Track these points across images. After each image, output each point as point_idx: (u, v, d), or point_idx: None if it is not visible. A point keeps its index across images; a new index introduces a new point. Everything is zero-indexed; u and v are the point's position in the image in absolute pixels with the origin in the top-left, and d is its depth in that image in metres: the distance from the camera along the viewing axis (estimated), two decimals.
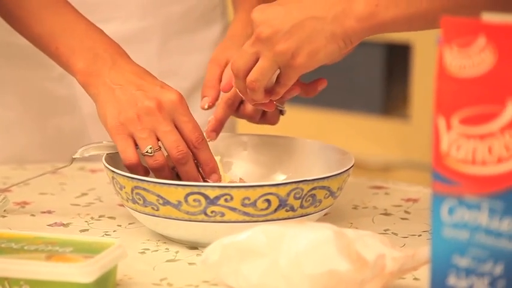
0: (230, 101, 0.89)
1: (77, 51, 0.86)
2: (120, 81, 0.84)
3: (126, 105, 0.82)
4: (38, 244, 0.69)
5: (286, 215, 0.79)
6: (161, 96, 0.83)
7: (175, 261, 0.78)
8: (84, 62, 0.86)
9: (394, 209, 0.91)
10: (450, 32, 0.57)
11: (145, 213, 0.80)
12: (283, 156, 0.92)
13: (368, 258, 0.66)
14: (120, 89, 0.83)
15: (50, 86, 1.06)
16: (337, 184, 0.81)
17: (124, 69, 0.85)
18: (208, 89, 0.91)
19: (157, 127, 0.82)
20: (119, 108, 0.83)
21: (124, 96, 0.83)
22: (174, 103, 0.82)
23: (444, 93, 0.58)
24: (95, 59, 0.86)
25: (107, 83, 0.84)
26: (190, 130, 0.82)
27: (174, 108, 0.82)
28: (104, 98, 0.84)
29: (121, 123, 0.82)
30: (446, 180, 0.57)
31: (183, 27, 1.08)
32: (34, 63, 1.04)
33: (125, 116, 0.82)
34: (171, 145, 0.82)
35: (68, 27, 0.88)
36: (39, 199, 0.94)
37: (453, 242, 0.57)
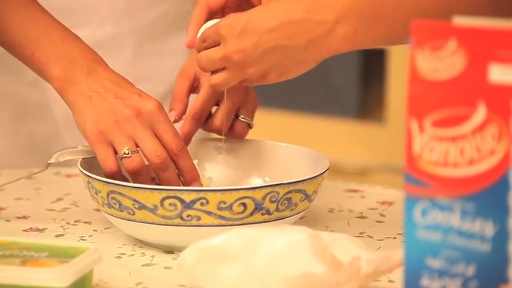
0: (197, 115, 0.90)
1: (53, 58, 0.86)
2: (98, 88, 0.84)
3: (104, 113, 0.82)
4: (13, 249, 0.69)
5: (262, 219, 0.79)
6: (140, 104, 0.83)
7: (152, 265, 0.78)
8: (60, 69, 0.85)
9: (370, 212, 0.92)
10: (421, 35, 0.58)
11: (121, 217, 0.80)
12: (259, 160, 0.92)
13: (343, 261, 0.67)
14: (98, 97, 0.83)
15: (22, 92, 1.05)
16: (312, 187, 0.82)
17: (101, 76, 0.85)
18: (175, 102, 0.91)
19: (135, 133, 0.82)
20: (97, 116, 0.82)
21: (102, 104, 0.83)
22: (152, 111, 0.82)
23: (416, 96, 0.58)
24: (71, 66, 0.85)
25: (84, 91, 0.84)
26: (170, 137, 0.82)
27: (152, 117, 0.82)
28: (82, 105, 0.84)
29: (100, 132, 0.82)
30: (419, 183, 0.58)
31: (157, 32, 1.08)
32: (5, 69, 1.04)
33: (103, 124, 0.82)
34: (149, 150, 0.82)
35: (43, 33, 0.87)
36: (14, 204, 0.93)
37: (426, 244, 0.58)
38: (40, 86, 1.04)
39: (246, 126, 0.91)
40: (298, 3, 0.78)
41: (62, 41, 0.87)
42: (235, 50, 0.79)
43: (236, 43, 0.79)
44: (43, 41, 0.87)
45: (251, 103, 0.91)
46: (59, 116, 1.06)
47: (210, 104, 0.90)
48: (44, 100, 1.05)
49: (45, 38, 0.87)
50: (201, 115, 0.90)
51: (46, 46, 0.87)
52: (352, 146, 2.08)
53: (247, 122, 0.91)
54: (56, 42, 0.87)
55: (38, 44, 0.87)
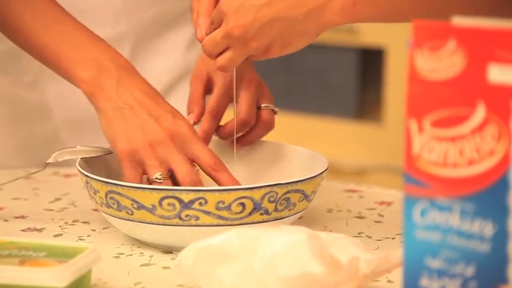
0: (214, 111, 0.90)
1: (80, 61, 0.85)
2: (129, 100, 0.83)
3: (137, 130, 0.81)
4: (11, 249, 0.69)
5: (260, 219, 0.79)
6: (173, 127, 0.82)
7: (150, 265, 0.78)
8: (89, 72, 0.84)
9: (368, 212, 0.92)
10: (421, 35, 0.57)
11: (119, 217, 0.80)
12: (257, 160, 0.92)
13: (342, 261, 0.67)
14: (130, 111, 0.82)
15: (21, 92, 1.05)
16: (311, 187, 0.82)
17: (132, 85, 0.84)
18: (192, 105, 0.92)
19: (169, 157, 0.81)
20: (129, 132, 0.81)
21: (134, 120, 0.82)
22: (186, 134, 0.82)
23: (415, 96, 0.58)
24: (99, 70, 0.84)
25: (114, 100, 0.83)
26: (205, 155, 0.82)
27: (186, 139, 0.82)
28: (112, 115, 0.82)
29: (132, 150, 0.81)
30: (418, 183, 0.58)
31: (154, 31, 1.08)
32: (3, 70, 1.04)
33: (136, 143, 0.81)
34: (183, 174, 0.81)
35: (69, 36, 0.87)
36: (12, 204, 0.93)
37: (425, 244, 0.58)
38: (39, 87, 1.03)
39: (271, 113, 0.92)
40: None
41: (89, 44, 0.86)
42: (235, 25, 0.79)
43: (236, 18, 0.79)
44: (69, 44, 0.86)
45: (267, 91, 0.92)
46: (58, 116, 1.05)
47: (226, 99, 0.91)
48: (43, 101, 1.05)
49: (71, 42, 0.86)
50: (217, 111, 0.90)
51: (72, 49, 0.86)
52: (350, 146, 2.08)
53: (271, 109, 0.92)
54: (83, 45, 0.86)
55: (64, 48, 0.86)
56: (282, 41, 0.80)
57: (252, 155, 0.93)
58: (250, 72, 0.91)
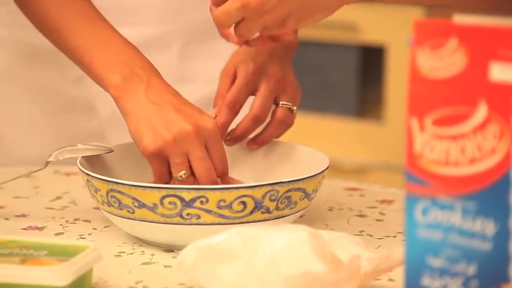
0: (231, 104, 0.89)
1: (112, 66, 0.85)
2: (157, 100, 0.83)
3: (162, 126, 0.81)
4: (12, 248, 0.69)
5: (262, 217, 0.79)
6: (199, 121, 0.82)
7: (151, 264, 0.78)
8: (119, 77, 0.85)
9: (369, 211, 0.92)
10: (422, 33, 0.57)
11: (120, 216, 0.80)
12: (258, 158, 0.92)
13: (343, 259, 0.67)
14: (158, 108, 0.82)
15: (67, 88, 1.05)
16: (312, 186, 0.82)
17: (161, 88, 0.84)
18: (217, 99, 0.91)
19: (191, 152, 0.81)
20: (155, 130, 0.81)
21: (160, 117, 0.82)
22: (210, 130, 0.82)
23: (417, 95, 0.58)
24: (130, 75, 0.85)
25: (143, 101, 0.83)
26: (218, 160, 0.82)
27: (209, 135, 0.82)
28: (138, 115, 0.83)
29: (158, 147, 0.81)
30: (420, 181, 0.58)
31: (205, 33, 1.06)
32: (51, 65, 1.04)
33: (161, 139, 0.81)
34: (203, 172, 0.81)
35: (102, 41, 0.87)
36: (13, 202, 0.93)
37: (427, 243, 0.58)
38: (85, 83, 1.04)
39: (287, 112, 0.90)
40: None
41: (121, 50, 0.87)
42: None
43: None
44: (102, 49, 0.86)
45: (291, 89, 0.91)
46: (103, 112, 1.06)
47: (245, 93, 0.90)
48: (88, 96, 1.05)
49: (105, 46, 0.87)
50: (235, 104, 0.89)
51: (105, 54, 0.86)
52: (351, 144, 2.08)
53: (289, 107, 0.90)
54: (115, 50, 0.86)
55: (97, 52, 0.86)
56: (299, 14, 0.79)
57: (253, 153, 0.93)
58: (273, 67, 0.90)
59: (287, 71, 0.91)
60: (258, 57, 0.91)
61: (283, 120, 0.90)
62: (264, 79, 0.89)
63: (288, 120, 0.91)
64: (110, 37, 0.88)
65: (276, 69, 0.90)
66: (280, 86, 0.90)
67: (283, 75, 0.91)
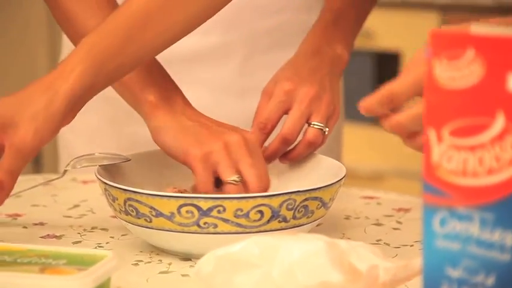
0: (262, 124, 0.88)
1: (148, 84, 0.86)
2: (198, 119, 0.84)
3: (209, 137, 0.82)
4: (31, 257, 0.70)
5: (278, 226, 0.79)
6: (243, 133, 0.83)
7: (169, 272, 0.78)
8: (156, 96, 0.85)
9: (386, 219, 0.92)
10: (439, 44, 0.57)
11: (138, 225, 0.80)
12: (274, 167, 0.92)
13: (361, 269, 0.67)
14: (199, 125, 0.83)
15: None
16: (329, 195, 0.82)
17: (198, 111, 0.85)
18: (254, 118, 0.90)
19: (242, 159, 0.81)
20: (201, 139, 0.82)
21: (205, 131, 0.82)
22: (254, 141, 0.83)
23: (434, 105, 0.58)
24: (167, 96, 0.85)
25: (180, 119, 0.84)
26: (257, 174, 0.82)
27: (254, 146, 0.82)
28: (181, 130, 0.83)
29: (206, 153, 0.81)
30: (438, 192, 0.58)
31: (269, 44, 1.05)
32: None
33: (210, 146, 0.81)
34: (255, 178, 0.81)
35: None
36: (32, 211, 0.94)
37: (445, 253, 0.58)
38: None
39: (318, 133, 0.89)
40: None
41: (158, 73, 0.87)
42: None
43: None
44: (140, 68, 0.87)
45: (325, 109, 0.89)
46: None
47: (277, 113, 0.89)
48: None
49: (142, 66, 0.87)
50: (266, 125, 0.88)
51: (144, 72, 0.86)
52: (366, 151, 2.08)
53: (320, 128, 0.89)
54: (152, 73, 0.87)
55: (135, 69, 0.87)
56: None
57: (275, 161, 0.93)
58: (310, 87, 0.89)
59: (325, 90, 0.90)
60: (295, 75, 0.89)
61: (313, 141, 0.88)
62: (297, 99, 0.88)
63: (318, 141, 0.89)
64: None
65: (313, 89, 0.89)
66: (314, 106, 0.88)
67: (319, 95, 0.89)
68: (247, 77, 1.04)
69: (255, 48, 1.04)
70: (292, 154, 0.90)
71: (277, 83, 0.89)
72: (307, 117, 0.89)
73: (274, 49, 1.05)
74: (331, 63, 0.92)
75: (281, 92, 0.88)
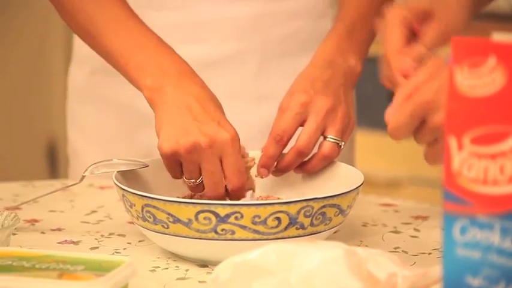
0: (278, 137, 0.88)
1: (146, 67, 0.87)
2: (180, 103, 0.84)
3: (180, 132, 0.83)
4: (49, 262, 0.70)
5: (296, 233, 0.79)
6: (215, 133, 0.83)
7: (186, 279, 0.78)
8: (152, 79, 0.86)
9: (404, 227, 0.91)
10: (460, 51, 0.57)
11: (155, 231, 0.80)
12: (291, 173, 0.92)
13: (379, 277, 0.66)
14: (178, 113, 0.84)
15: (142, 103, 1.06)
16: (347, 202, 0.81)
17: (187, 90, 0.85)
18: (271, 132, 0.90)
19: (203, 164, 0.82)
20: (173, 134, 0.83)
21: (180, 122, 0.83)
22: (226, 142, 0.82)
23: (455, 113, 0.58)
24: (161, 76, 0.86)
25: (168, 103, 0.84)
26: (232, 173, 0.83)
27: (224, 148, 0.82)
28: (163, 116, 0.84)
29: (172, 151, 0.83)
30: (458, 200, 0.57)
31: (285, 51, 1.05)
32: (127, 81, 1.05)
33: (176, 144, 0.82)
34: (211, 186, 0.83)
35: (138, 43, 0.88)
36: (49, 216, 0.94)
37: (465, 262, 0.57)
38: None
39: (334, 146, 0.88)
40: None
41: (155, 51, 0.88)
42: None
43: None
44: (137, 51, 0.88)
45: (341, 122, 0.89)
46: None
47: (293, 125, 0.88)
48: None
49: (140, 48, 0.88)
50: (282, 137, 0.88)
51: (140, 56, 0.87)
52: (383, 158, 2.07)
53: (336, 142, 0.88)
54: (150, 52, 0.87)
55: (132, 54, 0.88)
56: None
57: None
58: (325, 99, 0.88)
59: (340, 103, 0.89)
60: (310, 87, 0.89)
61: (328, 155, 0.88)
62: (313, 111, 0.87)
63: (334, 155, 0.88)
64: (145, 39, 0.88)
65: (328, 101, 0.88)
66: (329, 119, 0.88)
67: (334, 107, 0.88)
68: (262, 83, 1.04)
69: (269, 55, 1.04)
70: (307, 166, 0.89)
71: (293, 96, 0.89)
72: (323, 129, 0.88)
73: (288, 56, 1.05)
74: (344, 75, 0.92)
75: (297, 104, 0.88)
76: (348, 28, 0.95)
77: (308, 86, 0.89)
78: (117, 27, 0.89)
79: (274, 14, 1.03)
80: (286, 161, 0.89)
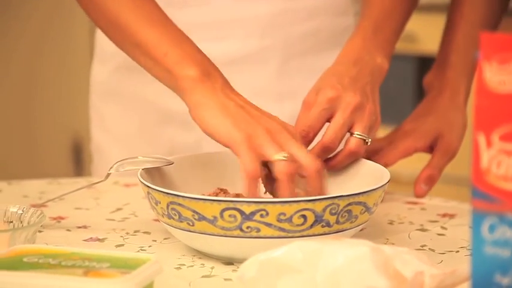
0: (304, 132, 0.87)
1: (186, 60, 0.85)
2: (236, 99, 0.83)
3: (250, 120, 0.81)
4: (75, 260, 0.70)
5: (322, 231, 0.78)
6: (282, 122, 0.82)
7: (211, 277, 0.78)
8: (195, 71, 0.84)
9: (431, 225, 0.90)
10: (490, 47, 0.56)
11: (180, 228, 0.80)
12: None
13: (406, 275, 0.66)
14: (239, 107, 0.82)
15: (166, 100, 1.06)
16: (373, 200, 0.81)
17: (236, 92, 0.85)
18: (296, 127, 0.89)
19: (287, 143, 0.80)
20: (244, 122, 0.81)
21: (244, 113, 0.82)
22: (295, 132, 0.82)
23: (484, 109, 0.57)
24: (206, 71, 0.85)
25: (220, 96, 0.83)
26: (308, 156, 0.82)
27: (295, 134, 0.82)
28: (216, 106, 0.82)
29: (249, 135, 0.80)
30: (487, 198, 0.57)
31: (307, 48, 1.04)
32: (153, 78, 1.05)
33: (253, 129, 0.80)
34: (308, 160, 0.80)
35: (176, 40, 0.87)
36: (75, 214, 0.94)
37: (494, 260, 0.56)
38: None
39: (360, 143, 0.87)
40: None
41: (194, 51, 0.87)
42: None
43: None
44: (175, 46, 0.86)
45: (368, 119, 0.88)
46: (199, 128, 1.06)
47: (319, 121, 0.87)
48: (186, 111, 1.06)
49: (178, 44, 0.87)
50: (308, 133, 0.87)
51: (179, 51, 0.86)
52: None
53: (363, 138, 0.87)
54: (188, 50, 0.87)
55: (172, 47, 0.86)
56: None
57: None
58: (353, 95, 0.87)
59: (368, 99, 0.88)
60: (338, 83, 0.88)
61: (355, 151, 0.87)
62: (340, 107, 0.87)
63: (360, 151, 0.88)
64: (182, 38, 0.88)
65: (356, 98, 0.87)
66: (356, 115, 0.87)
67: (362, 104, 0.87)
68: (284, 81, 1.04)
69: (291, 53, 1.04)
70: (332, 162, 0.89)
71: (320, 91, 0.88)
72: (350, 126, 0.87)
73: (310, 53, 1.05)
74: (371, 72, 0.92)
75: (324, 100, 0.87)
76: (374, 25, 0.94)
77: (335, 82, 0.88)
78: (153, 24, 0.88)
79: (296, 11, 1.03)
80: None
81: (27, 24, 2.48)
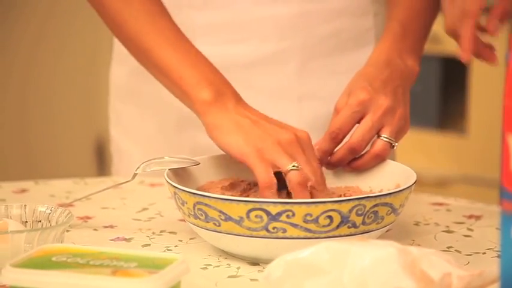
0: (334, 134, 0.87)
1: (202, 82, 0.87)
2: (249, 115, 0.85)
3: (262, 135, 0.83)
4: (102, 259, 0.70)
5: (348, 232, 0.78)
6: (295, 131, 0.84)
7: (237, 277, 0.78)
8: (208, 93, 0.87)
9: (457, 226, 0.90)
10: None
11: (207, 228, 0.80)
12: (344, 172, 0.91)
13: (433, 277, 0.66)
14: (251, 122, 0.84)
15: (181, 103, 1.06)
16: (399, 201, 0.81)
17: (248, 106, 0.87)
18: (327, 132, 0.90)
19: (297, 156, 0.82)
20: (254, 137, 0.83)
21: (257, 128, 0.84)
22: (307, 139, 0.83)
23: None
24: (220, 93, 0.87)
25: (233, 116, 0.85)
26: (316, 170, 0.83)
27: (307, 144, 0.83)
28: (230, 126, 0.85)
29: (260, 149, 0.82)
30: None
31: (328, 49, 1.04)
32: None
33: (264, 142, 0.83)
34: (310, 174, 0.82)
35: (190, 60, 0.89)
36: (101, 213, 0.95)
37: None
38: None
39: (387, 146, 0.87)
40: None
41: (208, 70, 0.89)
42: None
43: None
44: (190, 67, 0.88)
45: (397, 122, 0.88)
46: None
47: (349, 123, 0.88)
48: None
49: (192, 65, 0.89)
50: (337, 134, 0.87)
51: (195, 71, 0.88)
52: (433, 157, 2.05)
53: (389, 142, 0.87)
54: (203, 70, 0.88)
55: (187, 69, 0.89)
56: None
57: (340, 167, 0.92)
58: (384, 98, 0.87)
59: (399, 103, 0.88)
60: (369, 86, 0.88)
61: (380, 154, 0.87)
62: (371, 109, 0.87)
63: (386, 154, 0.88)
64: (197, 57, 0.90)
65: (387, 101, 0.87)
66: (386, 118, 0.87)
67: (392, 107, 0.87)
68: (304, 82, 1.04)
69: (311, 54, 1.04)
70: (357, 163, 0.89)
71: (351, 93, 0.88)
72: (378, 129, 0.87)
73: (330, 55, 1.04)
74: (402, 75, 0.91)
75: (355, 102, 0.87)
76: (403, 27, 0.94)
77: (367, 84, 0.88)
78: (168, 43, 0.90)
79: (316, 12, 1.03)
80: (337, 156, 0.88)
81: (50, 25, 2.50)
